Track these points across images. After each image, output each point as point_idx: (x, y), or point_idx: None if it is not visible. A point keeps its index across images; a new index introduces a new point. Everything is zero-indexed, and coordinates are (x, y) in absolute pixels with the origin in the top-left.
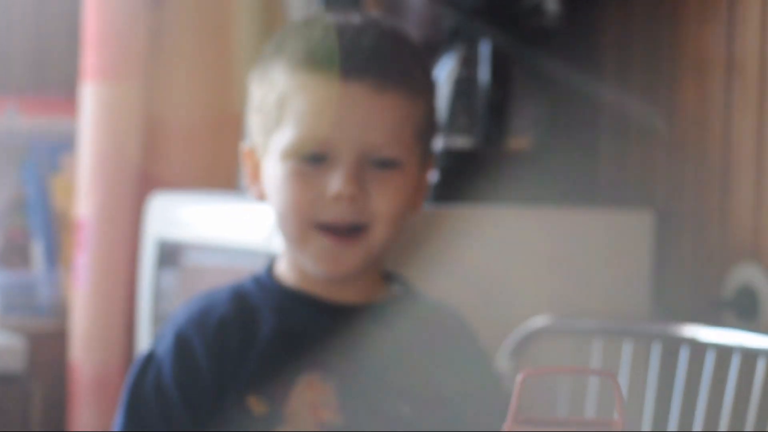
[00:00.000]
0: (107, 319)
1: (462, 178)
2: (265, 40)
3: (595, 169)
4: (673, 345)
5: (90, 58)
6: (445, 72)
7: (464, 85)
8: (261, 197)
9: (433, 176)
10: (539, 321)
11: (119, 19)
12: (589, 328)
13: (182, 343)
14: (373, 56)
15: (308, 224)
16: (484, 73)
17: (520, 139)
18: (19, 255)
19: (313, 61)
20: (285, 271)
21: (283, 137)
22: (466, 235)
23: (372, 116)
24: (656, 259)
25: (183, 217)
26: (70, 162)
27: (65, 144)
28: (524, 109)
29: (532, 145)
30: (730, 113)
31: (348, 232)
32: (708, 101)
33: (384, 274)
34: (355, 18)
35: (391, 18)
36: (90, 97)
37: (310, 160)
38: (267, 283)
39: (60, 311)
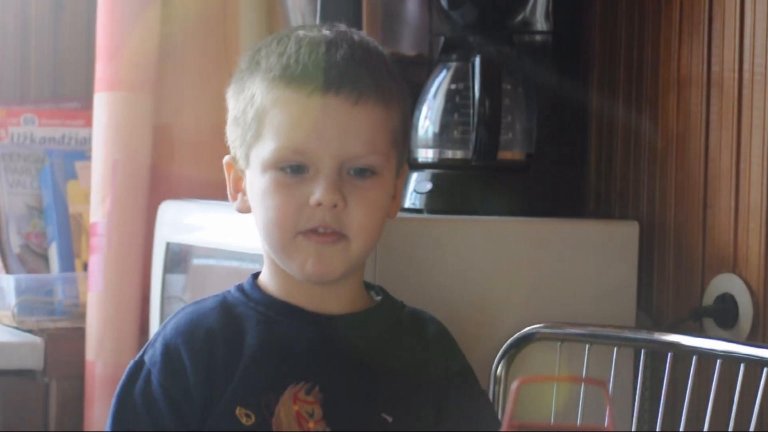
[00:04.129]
0: (120, 319)
1: (454, 189)
2: None
3: (583, 182)
4: (657, 351)
5: (103, 69)
6: (438, 85)
7: (457, 98)
8: (244, 209)
9: (424, 186)
10: (530, 328)
11: (130, 32)
12: (578, 334)
13: (171, 354)
14: (347, 69)
15: (293, 233)
16: (476, 87)
17: (511, 152)
18: (36, 258)
19: (290, 76)
20: (269, 282)
21: (264, 150)
22: (458, 246)
23: (349, 127)
24: (640, 269)
25: (192, 222)
26: (86, 169)
27: (81, 151)
28: (515, 122)
29: (523, 158)
30: (710, 129)
31: (330, 234)
32: (688, 117)
33: (365, 285)
34: (326, 32)
35: (385, 32)
36: (103, 106)
37: (291, 171)
38: (252, 293)
39: (76, 312)
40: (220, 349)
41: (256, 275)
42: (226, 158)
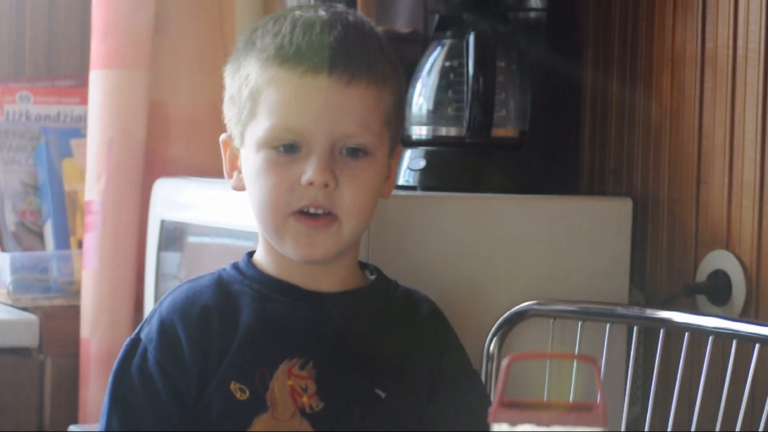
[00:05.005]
0: (115, 297)
1: (448, 167)
2: None
3: (577, 159)
4: (650, 327)
5: (98, 46)
6: (432, 62)
7: (451, 75)
8: (239, 187)
9: (417, 164)
10: (523, 305)
11: (125, 9)
12: (571, 311)
13: (166, 330)
14: (340, 49)
15: (285, 212)
16: (470, 64)
17: (505, 129)
18: (32, 236)
19: (284, 56)
20: (264, 260)
21: (258, 129)
22: (452, 223)
23: (342, 107)
24: (634, 245)
25: (186, 200)
26: (81, 146)
27: (76, 129)
28: (509, 99)
29: (517, 135)
30: (704, 105)
31: (321, 217)
32: (682, 93)
33: (359, 264)
34: (322, 12)
35: (380, 9)
36: (99, 84)
37: (284, 150)
38: (247, 271)
39: (71, 289)
40: (216, 325)
41: (251, 253)
42: (222, 136)
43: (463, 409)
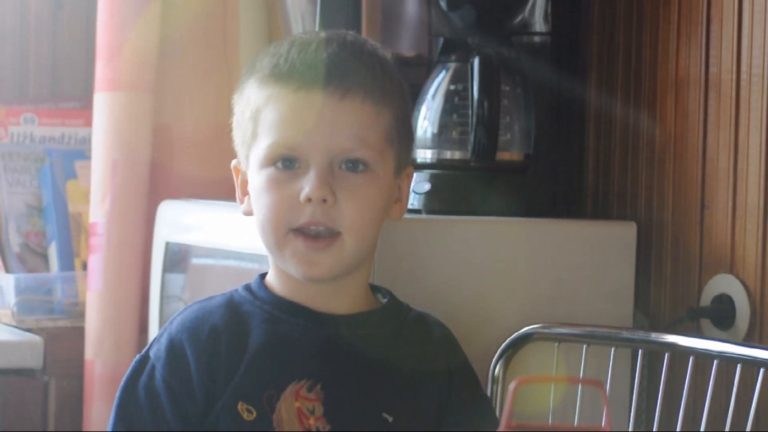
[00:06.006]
0: (119, 319)
1: (453, 190)
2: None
3: (581, 183)
4: (654, 351)
5: (103, 69)
6: (437, 86)
7: (456, 99)
8: (249, 212)
9: (422, 187)
10: (528, 329)
11: (130, 32)
12: (576, 335)
13: (175, 349)
14: (334, 65)
15: (285, 230)
16: (475, 87)
17: (509, 153)
18: (36, 257)
19: (279, 74)
20: (275, 282)
21: (259, 148)
22: (457, 246)
23: (337, 121)
24: (638, 269)
25: (191, 222)
26: (85, 168)
27: (80, 151)
28: (514, 123)
29: (522, 158)
30: (707, 129)
31: (321, 235)
32: (686, 117)
33: (371, 287)
34: (321, 34)
35: (385, 33)
36: (103, 106)
37: (283, 167)
38: (258, 293)
39: (75, 311)
40: (224, 346)
41: (264, 275)
42: (233, 162)
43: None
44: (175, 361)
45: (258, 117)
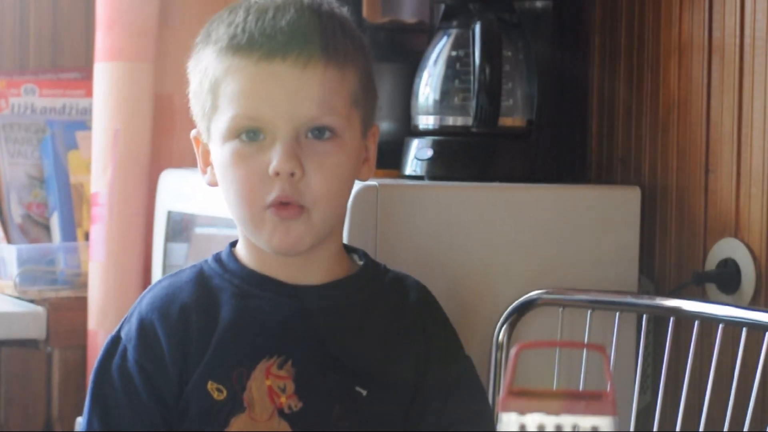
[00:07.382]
0: (121, 288)
1: (455, 156)
2: None
3: (585, 148)
4: (659, 316)
5: (103, 39)
6: (438, 52)
7: (457, 65)
8: (213, 183)
9: (425, 153)
10: (532, 294)
11: (130, 1)
12: (580, 300)
13: (146, 330)
14: (293, 33)
15: (261, 207)
16: (476, 53)
17: (512, 119)
18: (38, 228)
19: (237, 45)
20: (244, 253)
21: (220, 120)
22: (460, 212)
23: (300, 91)
24: (642, 234)
25: (193, 191)
26: (86, 138)
27: (81, 121)
28: (516, 89)
29: (524, 124)
30: (711, 94)
31: (291, 205)
32: (690, 82)
33: (345, 249)
34: None
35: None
36: (104, 76)
37: (248, 139)
38: (228, 264)
39: (78, 281)
40: (195, 323)
41: (234, 243)
42: (192, 132)
43: (451, 396)
44: (146, 343)
45: (218, 89)
